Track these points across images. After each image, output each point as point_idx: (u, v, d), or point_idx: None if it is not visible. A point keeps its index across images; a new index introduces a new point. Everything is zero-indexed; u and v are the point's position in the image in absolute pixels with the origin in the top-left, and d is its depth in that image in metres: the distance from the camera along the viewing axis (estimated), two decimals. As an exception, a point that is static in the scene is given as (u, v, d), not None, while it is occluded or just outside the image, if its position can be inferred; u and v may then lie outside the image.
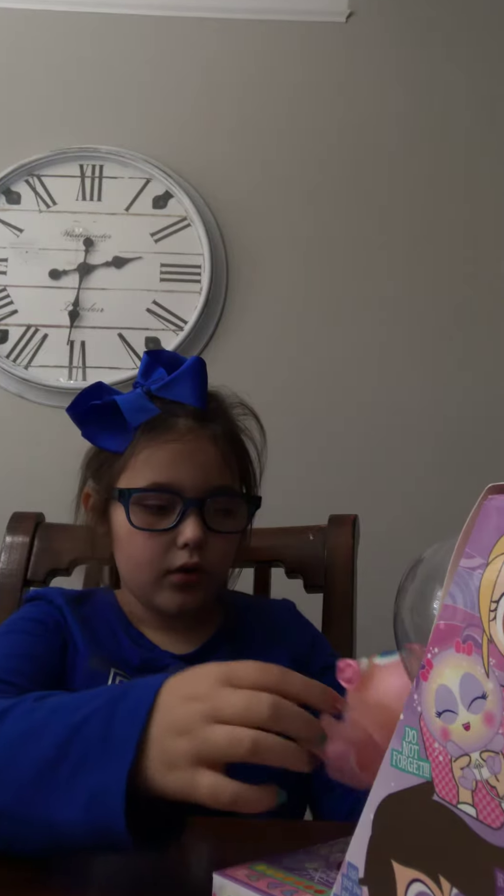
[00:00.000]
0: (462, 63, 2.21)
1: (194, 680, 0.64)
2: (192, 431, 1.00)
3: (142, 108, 2.20)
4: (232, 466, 1.04)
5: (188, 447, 1.00)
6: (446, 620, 0.49)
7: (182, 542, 0.98)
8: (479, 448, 2.08)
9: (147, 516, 0.99)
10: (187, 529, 0.98)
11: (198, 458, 1.00)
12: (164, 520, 0.99)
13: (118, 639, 1.03)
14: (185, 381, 1.02)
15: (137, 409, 1.01)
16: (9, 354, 2.12)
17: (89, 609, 1.06)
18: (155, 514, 0.99)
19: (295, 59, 2.21)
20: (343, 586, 1.24)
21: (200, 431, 1.01)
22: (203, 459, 1.00)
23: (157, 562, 0.99)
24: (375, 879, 0.51)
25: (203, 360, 1.05)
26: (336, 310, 2.16)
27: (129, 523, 0.99)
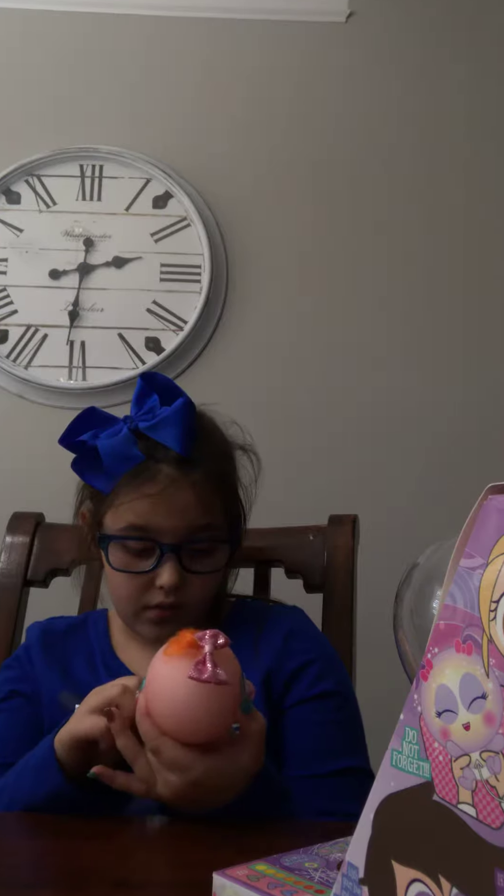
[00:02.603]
0: (462, 63, 2.21)
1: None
2: (173, 480, 1.02)
3: (142, 108, 2.20)
4: (214, 507, 1.05)
5: (167, 495, 1.02)
6: (446, 620, 0.49)
7: (158, 584, 1.02)
8: (479, 448, 2.08)
9: (126, 557, 1.03)
10: (164, 574, 1.01)
11: (176, 504, 1.02)
12: (144, 561, 1.03)
13: (95, 669, 1.08)
14: (171, 426, 1.04)
15: (121, 458, 1.03)
16: (9, 354, 2.12)
17: (75, 641, 1.11)
18: (134, 555, 1.03)
19: (295, 59, 2.21)
20: (343, 586, 1.24)
21: (181, 479, 1.02)
22: (182, 505, 1.02)
23: (136, 599, 1.04)
24: (375, 879, 0.51)
25: (191, 404, 1.06)
26: (336, 309, 2.16)
27: (109, 565, 1.04)
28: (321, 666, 1.07)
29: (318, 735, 1.02)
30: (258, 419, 2.21)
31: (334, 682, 1.06)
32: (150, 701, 0.79)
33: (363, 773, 1.00)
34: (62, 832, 0.81)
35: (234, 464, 1.12)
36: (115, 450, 1.03)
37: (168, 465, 1.03)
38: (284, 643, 1.07)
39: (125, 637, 1.11)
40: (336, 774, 0.98)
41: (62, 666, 1.09)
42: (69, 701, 1.03)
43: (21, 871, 0.73)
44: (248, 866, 0.64)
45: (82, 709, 0.85)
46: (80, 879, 0.71)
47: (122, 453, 1.03)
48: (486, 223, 2.18)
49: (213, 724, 0.78)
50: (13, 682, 1.09)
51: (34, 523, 1.29)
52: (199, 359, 2.14)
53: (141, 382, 1.08)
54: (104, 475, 1.04)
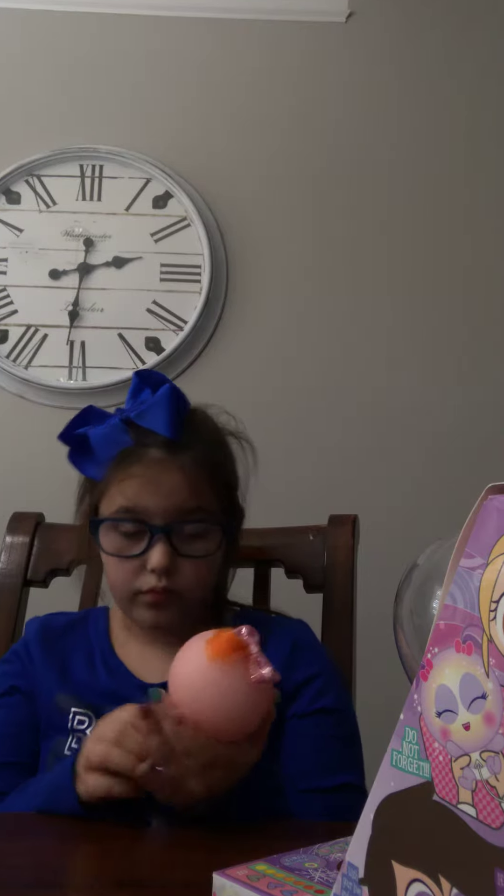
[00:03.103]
0: (462, 63, 2.21)
1: (89, 738, 0.88)
2: (160, 462, 1.04)
3: (142, 108, 2.20)
4: (204, 490, 1.05)
5: (155, 476, 1.03)
6: (446, 620, 0.49)
7: (150, 567, 1.02)
8: (479, 448, 2.08)
9: (118, 542, 1.04)
10: (154, 556, 1.01)
11: (164, 486, 1.03)
12: (135, 546, 1.03)
13: (94, 668, 1.08)
14: (158, 411, 1.05)
15: (109, 442, 1.06)
16: (9, 354, 2.12)
17: (74, 638, 1.11)
18: (126, 539, 1.04)
19: (295, 59, 2.21)
20: (343, 586, 1.24)
21: (169, 461, 1.04)
22: (170, 487, 1.03)
23: (129, 583, 1.04)
24: (375, 879, 0.51)
25: (176, 389, 1.08)
26: (336, 310, 2.16)
27: (101, 549, 1.05)
28: (324, 681, 1.07)
29: (317, 749, 1.02)
30: (258, 419, 2.21)
31: (335, 698, 1.06)
32: (197, 704, 0.78)
33: (359, 790, 1.01)
34: (62, 832, 0.81)
35: (226, 451, 1.12)
36: (105, 436, 1.06)
37: (156, 448, 1.04)
38: (289, 656, 1.06)
39: (125, 635, 1.11)
40: (332, 791, 0.99)
41: (61, 664, 1.09)
42: (66, 703, 1.04)
43: (21, 871, 0.73)
44: (248, 866, 0.64)
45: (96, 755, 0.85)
46: (80, 879, 0.71)
47: (111, 439, 1.06)
48: (486, 223, 2.18)
49: (258, 719, 0.81)
50: (12, 678, 1.09)
51: (34, 523, 1.29)
52: (199, 359, 2.14)
53: (136, 379, 1.10)
54: (95, 462, 1.07)
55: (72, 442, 1.09)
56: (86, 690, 1.05)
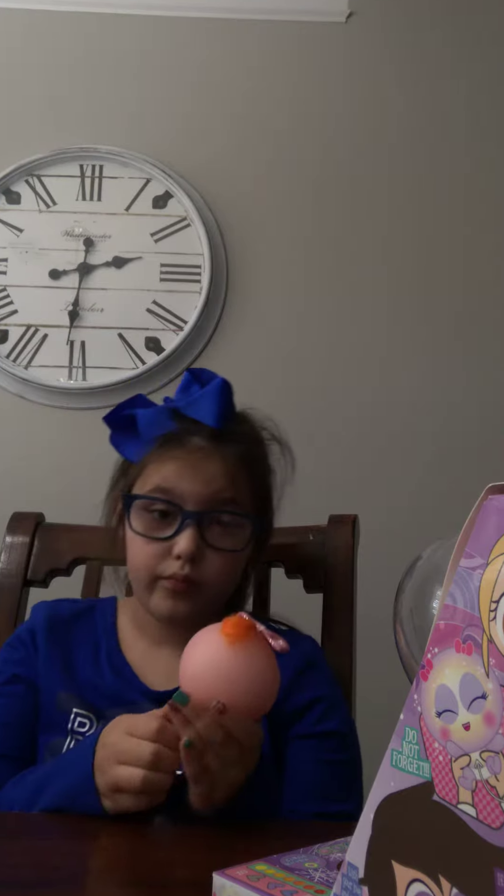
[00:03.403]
0: (462, 63, 2.21)
1: (110, 730, 0.87)
2: (202, 449, 1.04)
3: (142, 108, 2.20)
4: (241, 487, 1.05)
5: (195, 461, 1.03)
6: (446, 620, 0.49)
7: (176, 552, 1.01)
8: (479, 448, 2.08)
9: (148, 522, 1.03)
10: (182, 541, 1.01)
11: (203, 473, 1.03)
12: (164, 529, 1.02)
13: (99, 666, 1.07)
14: (206, 401, 1.06)
15: (153, 424, 1.06)
16: (9, 354, 2.12)
17: (81, 628, 1.10)
18: (156, 521, 1.03)
19: (295, 59, 2.21)
20: (343, 586, 1.24)
21: (210, 449, 1.04)
22: (208, 475, 1.03)
23: (152, 567, 1.03)
24: (375, 879, 0.51)
25: (226, 384, 1.08)
26: (336, 309, 2.16)
27: (130, 527, 1.04)
28: (329, 704, 1.06)
29: (316, 773, 1.01)
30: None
31: (340, 722, 1.06)
32: (229, 690, 0.79)
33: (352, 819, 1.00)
34: (62, 832, 0.81)
35: (265, 452, 1.13)
36: (151, 417, 1.07)
37: (200, 436, 1.05)
38: (298, 674, 1.05)
39: (134, 634, 1.09)
40: (327, 817, 0.97)
41: (65, 658, 1.07)
42: (68, 703, 1.03)
43: (21, 871, 0.73)
44: (248, 866, 0.64)
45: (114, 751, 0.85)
46: (81, 879, 0.71)
47: (157, 421, 1.07)
48: (486, 222, 2.18)
49: (277, 693, 0.84)
50: (16, 665, 1.08)
51: (34, 523, 1.29)
52: (199, 359, 2.14)
53: (187, 375, 1.11)
54: (138, 442, 1.07)
55: (117, 422, 1.10)
56: (89, 690, 1.04)
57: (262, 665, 0.81)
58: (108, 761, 0.84)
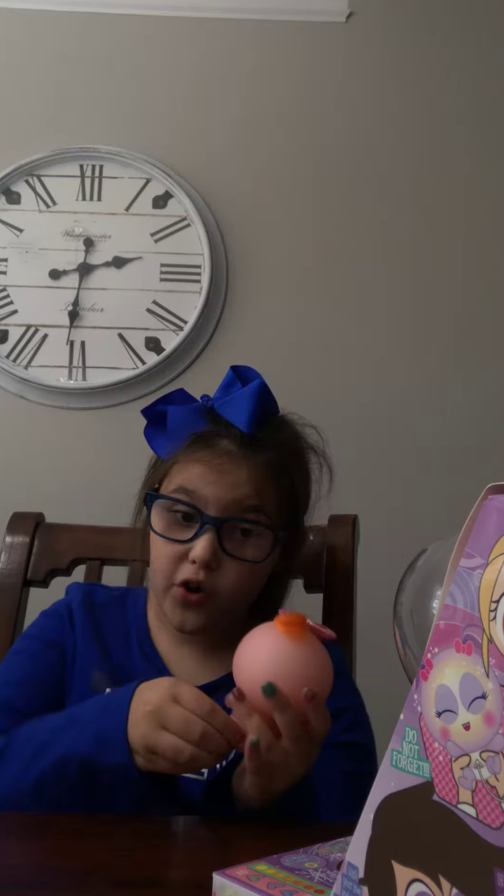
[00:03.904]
0: (462, 63, 2.21)
1: (149, 689, 0.85)
2: (230, 453, 1.00)
3: (141, 108, 2.20)
4: (267, 495, 1.01)
5: (221, 465, 1.00)
6: (446, 620, 0.49)
7: (192, 557, 0.98)
8: (479, 448, 2.08)
9: (168, 522, 1.01)
10: (198, 546, 0.97)
11: (228, 478, 0.99)
12: (184, 531, 0.99)
13: (130, 651, 1.06)
14: (241, 403, 1.03)
15: (184, 422, 1.03)
16: (9, 354, 2.12)
17: (113, 614, 1.09)
18: (176, 522, 1.00)
19: (295, 59, 2.21)
20: (343, 586, 1.24)
21: (238, 454, 1.00)
22: (233, 481, 0.99)
23: (168, 571, 1.00)
24: (375, 879, 0.51)
25: (263, 387, 1.06)
26: (335, 309, 2.16)
27: (150, 525, 1.02)
28: (357, 714, 1.05)
29: (341, 782, 0.98)
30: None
31: (365, 734, 1.05)
32: (296, 678, 0.80)
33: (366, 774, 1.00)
34: (62, 832, 0.81)
35: (301, 462, 1.09)
36: (182, 415, 1.04)
37: (230, 440, 1.01)
38: None
39: (158, 624, 1.08)
40: None
41: (99, 640, 1.06)
42: (102, 682, 1.02)
43: (21, 871, 0.73)
44: (248, 866, 0.64)
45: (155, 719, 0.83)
46: (80, 879, 0.71)
47: (188, 419, 1.03)
48: (485, 222, 2.18)
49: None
50: (53, 632, 1.07)
51: (34, 523, 1.29)
52: (199, 359, 2.14)
53: (230, 373, 1.09)
54: (168, 438, 1.04)
55: (151, 416, 1.07)
56: (121, 673, 1.03)
57: (321, 656, 0.82)
58: (148, 720, 0.82)
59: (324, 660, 0.82)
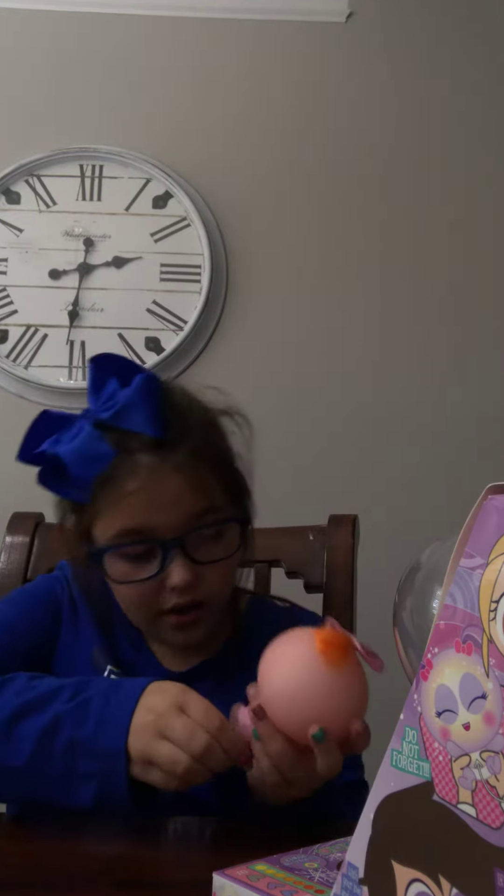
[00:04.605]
0: (461, 63, 2.21)
1: (158, 694, 0.80)
2: (154, 468, 0.91)
3: (142, 108, 2.20)
4: (209, 485, 0.93)
5: (153, 486, 0.90)
6: (446, 620, 0.49)
7: (171, 586, 0.91)
8: (479, 448, 2.08)
9: (127, 567, 0.92)
10: (174, 574, 0.91)
11: (166, 496, 0.90)
12: (147, 566, 0.92)
13: (115, 632, 1.00)
14: (138, 408, 0.91)
15: (87, 459, 0.90)
16: (9, 354, 2.12)
17: (103, 592, 1.02)
18: (135, 562, 0.92)
19: (295, 59, 2.21)
20: (343, 586, 1.24)
21: (163, 465, 0.91)
22: (172, 495, 0.91)
23: (149, 607, 0.94)
24: (375, 879, 0.51)
25: (154, 378, 0.94)
26: (336, 309, 2.16)
27: (108, 578, 0.94)
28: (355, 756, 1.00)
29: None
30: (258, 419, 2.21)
31: (362, 773, 1.01)
32: (324, 708, 0.74)
33: (361, 784, 0.98)
34: (62, 832, 0.81)
35: (220, 432, 1.00)
36: (81, 452, 0.91)
37: (145, 453, 0.91)
38: None
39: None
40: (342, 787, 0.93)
41: (94, 612, 1.01)
42: (102, 660, 0.98)
43: (21, 871, 0.73)
44: (248, 866, 0.64)
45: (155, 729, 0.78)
46: (80, 879, 0.71)
47: (88, 454, 0.91)
48: (485, 222, 2.18)
49: None
50: (50, 595, 1.02)
51: (34, 523, 1.29)
52: (199, 359, 2.14)
53: (93, 368, 0.94)
54: (76, 484, 0.91)
55: (39, 462, 0.94)
56: (109, 653, 0.99)
57: (359, 685, 0.75)
58: (149, 729, 0.77)
59: (360, 687, 0.75)
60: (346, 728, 0.74)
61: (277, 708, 0.75)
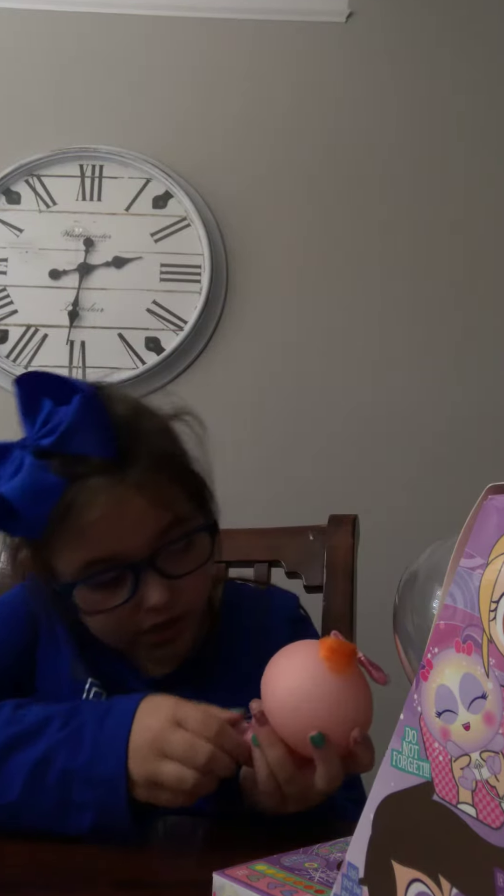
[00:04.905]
0: (462, 63, 2.21)
1: (152, 711, 0.77)
2: (111, 492, 0.84)
3: (142, 108, 2.20)
4: (171, 497, 0.89)
5: (112, 512, 0.84)
6: (446, 620, 0.49)
7: (147, 607, 0.87)
8: (479, 448, 2.08)
9: (98, 595, 0.87)
10: (150, 595, 0.87)
11: (128, 518, 0.85)
12: (119, 591, 0.87)
13: (92, 643, 0.96)
14: (82, 430, 0.84)
15: (38, 495, 0.82)
16: (9, 354, 2.12)
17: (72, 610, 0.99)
18: (105, 590, 0.87)
19: (294, 59, 2.21)
20: (343, 586, 1.24)
21: (119, 487, 0.85)
22: (136, 516, 0.86)
23: (127, 630, 0.90)
24: (375, 879, 0.51)
25: (94, 395, 0.86)
26: (336, 309, 2.16)
27: (78, 610, 0.90)
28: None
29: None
30: (258, 419, 2.22)
31: (362, 793, 0.98)
32: (328, 716, 0.73)
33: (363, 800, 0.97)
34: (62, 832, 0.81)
35: (173, 437, 0.94)
36: (27, 488, 0.82)
37: (99, 477, 0.84)
38: (292, 630, 0.99)
39: None
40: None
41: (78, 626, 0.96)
42: (82, 672, 0.94)
43: (21, 871, 0.73)
44: (248, 866, 0.64)
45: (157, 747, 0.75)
46: (80, 879, 0.71)
47: (36, 489, 0.82)
48: (484, 222, 2.18)
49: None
50: (30, 605, 0.96)
51: (34, 523, 1.28)
52: (199, 359, 2.14)
53: (21, 390, 0.86)
54: (27, 522, 0.83)
55: None
56: (91, 664, 0.96)
57: (363, 696, 0.74)
58: (149, 749, 0.75)
59: (365, 697, 0.74)
60: (348, 738, 0.73)
61: (278, 714, 0.74)
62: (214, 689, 0.88)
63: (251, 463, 2.07)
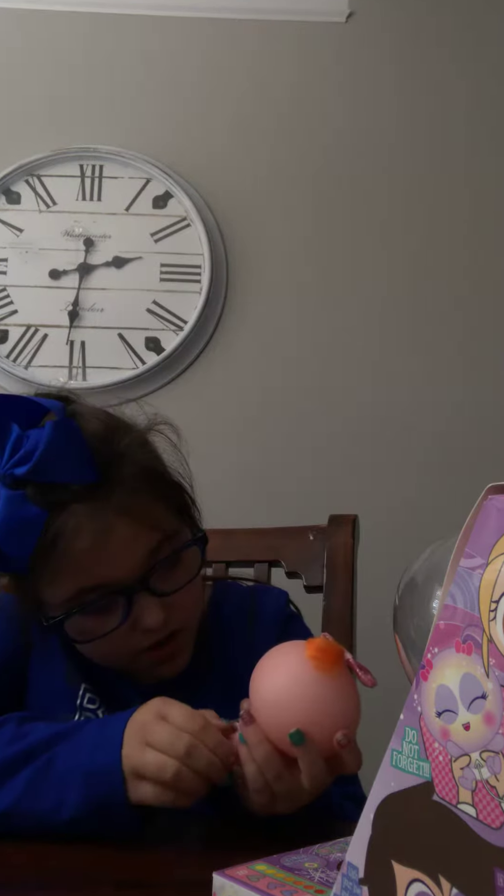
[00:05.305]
0: (462, 63, 2.21)
1: (143, 709, 0.78)
2: (96, 519, 0.82)
3: (141, 108, 2.20)
4: (158, 516, 0.87)
5: (100, 539, 0.82)
6: (446, 620, 0.49)
7: (143, 628, 0.86)
8: (479, 448, 2.08)
9: (90, 622, 0.86)
10: (146, 616, 0.85)
11: (116, 543, 0.83)
12: (112, 615, 0.85)
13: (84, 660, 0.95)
14: (59, 456, 0.80)
15: (19, 529, 0.79)
16: (9, 354, 2.12)
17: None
18: (97, 615, 0.85)
19: (294, 59, 2.21)
20: (343, 586, 1.24)
21: (104, 512, 0.82)
22: (124, 540, 0.84)
23: (123, 651, 0.89)
24: (375, 879, 0.51)
25: (68, 421, 0.82)
26: (336, 309, 2.16)
27: (70, 639, 0.88)
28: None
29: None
30: (258, 419, 2.22)
31: (361, 791, 0.98)
32: (313, 715, 0.72)
33: (361, 798, 0.97)
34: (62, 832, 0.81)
35: (152, 451, 0.92)
36: (7, 523, 0.79)
37: (81, 503, 0.82)
38: (283, 628, 1.00)
39: None
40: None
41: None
42: (76, 677, 0.95)
43: (21, 871, 0.73)
44: (248, 866, 0.64)
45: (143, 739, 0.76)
46: (80, 879, 0.71)
47: (17, 523, 0.79)
48: (485, 222, 2.18)
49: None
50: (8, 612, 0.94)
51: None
52: (199, 359, 2.14)
53: None
54: (10, 559, 0.81)
55: None
56: (87, 672, 0.96)
57: (349, 696, 0.73)
58: (135, 740, 0.76)
59: (351, 697, 0.74)
60: (332, 738, 0.72)
61: (264, 712, 0.74)
62: (207, 693, 0.88)
63: (251, 463, 2.08)
